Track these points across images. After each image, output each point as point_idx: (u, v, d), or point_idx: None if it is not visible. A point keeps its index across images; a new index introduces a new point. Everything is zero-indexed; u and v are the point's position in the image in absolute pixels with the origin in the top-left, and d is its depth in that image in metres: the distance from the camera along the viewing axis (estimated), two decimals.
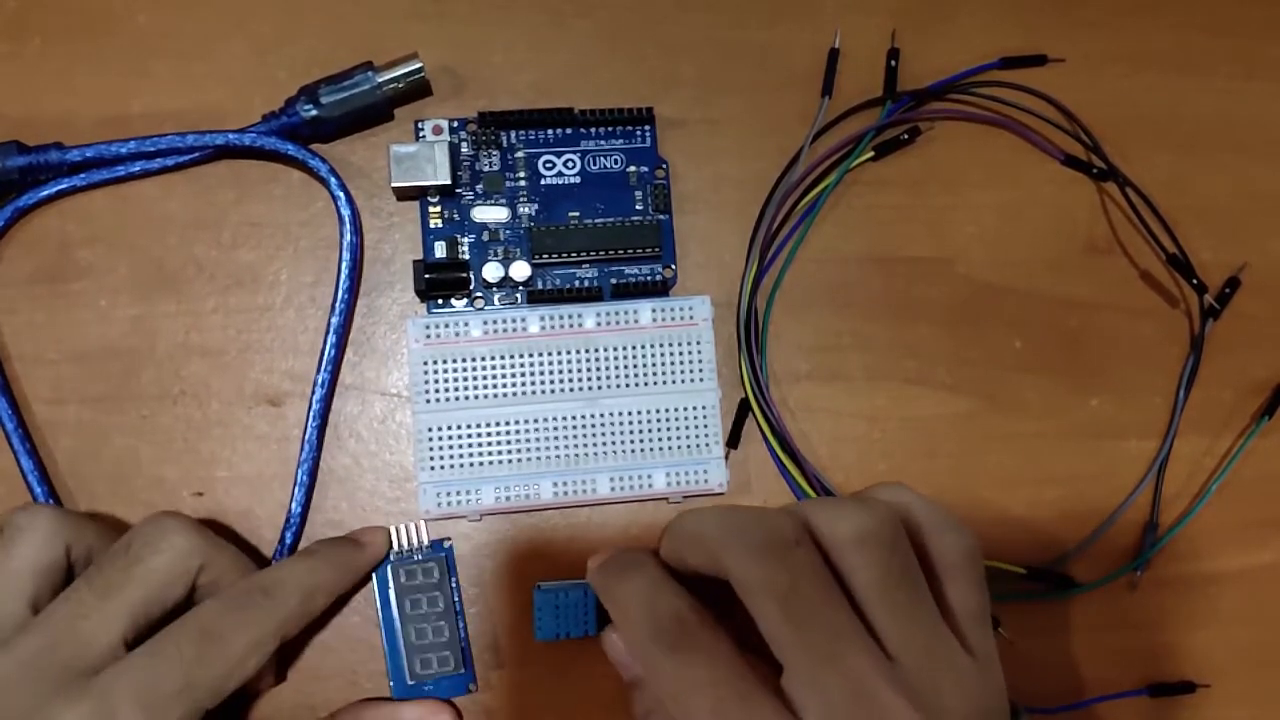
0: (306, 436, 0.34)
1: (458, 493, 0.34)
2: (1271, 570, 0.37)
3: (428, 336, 0.34)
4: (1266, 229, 0.38)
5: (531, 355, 0.34)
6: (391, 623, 0.33)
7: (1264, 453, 0.37)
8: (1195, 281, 0.36)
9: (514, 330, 0.34)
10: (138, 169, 0.34)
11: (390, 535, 0.33)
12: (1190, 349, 0.37)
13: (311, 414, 0.34)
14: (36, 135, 0.34)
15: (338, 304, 0.34)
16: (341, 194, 0.34)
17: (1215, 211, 0.38)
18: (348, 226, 0.34)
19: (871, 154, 0.36)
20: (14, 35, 0.35)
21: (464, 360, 0.34)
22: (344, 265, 0.34)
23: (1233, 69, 0.39)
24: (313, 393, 0.34)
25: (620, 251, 0.35)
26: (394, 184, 0.34)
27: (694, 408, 0.34)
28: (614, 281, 0.35)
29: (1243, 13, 0.39)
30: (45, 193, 0.34)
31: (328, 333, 0.34)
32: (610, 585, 0.28)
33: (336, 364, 0.34)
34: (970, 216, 0.37)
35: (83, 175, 0.34)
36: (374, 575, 0.33)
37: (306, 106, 0.34)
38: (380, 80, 0.34)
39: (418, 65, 0.34)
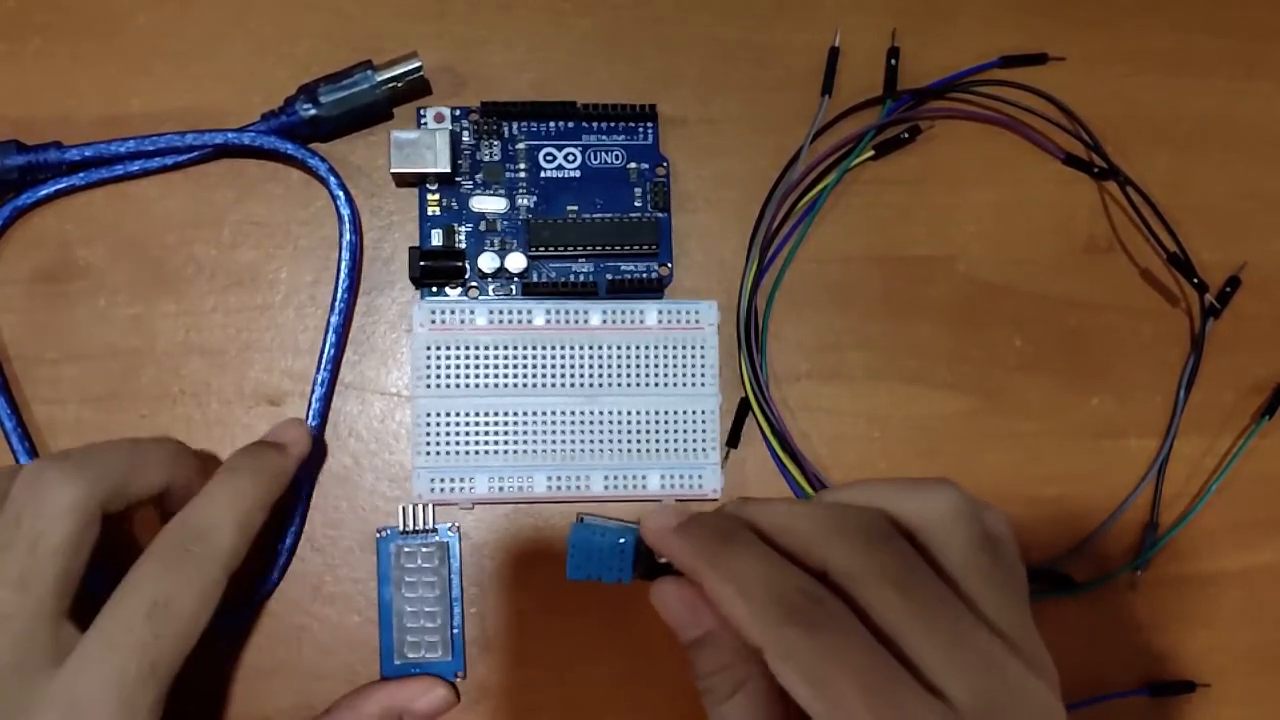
0: None
1: (451, 479, 0.34)
2: (1271, 570, 0.37)
3: (433, 321, 0.34)
4: (1266, 229, 0.38)
5: (534, 348, 0.34)
6: (386, 600, 0.33)
7: (1264, 453, 0.37)
8: (1196, 280, 0.36)
9: (519, 322, 0.34)
10: (136, 168, 0.34)
11: (309, 429, 0.32)
12: (1190, 349, 0.37)
13: (312, 413, 0.34)
14: (36, 135, 0.34)
15: (337, 303, 0.34)
16: (341, 193, 0.34)
17: (1215, 211, 0.38)
18: (347, 226, 0.34)
19: (872, 153, 0.36)
20: (14, 35, 0.35)
21: (467, 348, 0.34)
22: (343, 264, 0.34)
23: (1233, 69, 0.39)
24: (312, 391, 0.34)
25: (617, 247, 0.35)
26: (393, 169, 0.34)
27: (693, 411, 0.34)
28: (609, 277, 0.35)
29: (1243, 13, 0.39)
30: (44, 192, 0.34)
31: (327, 331, 0.34)
32: (717, 554, 0.25)
33: (336, 363, 0.34)
34: (970, 216, 0.37)
35: (81, 175, 0.34)
36: (376, 548, 0.34)
37: (305, 105, 0.34)
38: (379, 79, 0.34)
39: (417, 64, 0.34)
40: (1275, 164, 0.39)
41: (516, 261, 0.34)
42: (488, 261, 0.34)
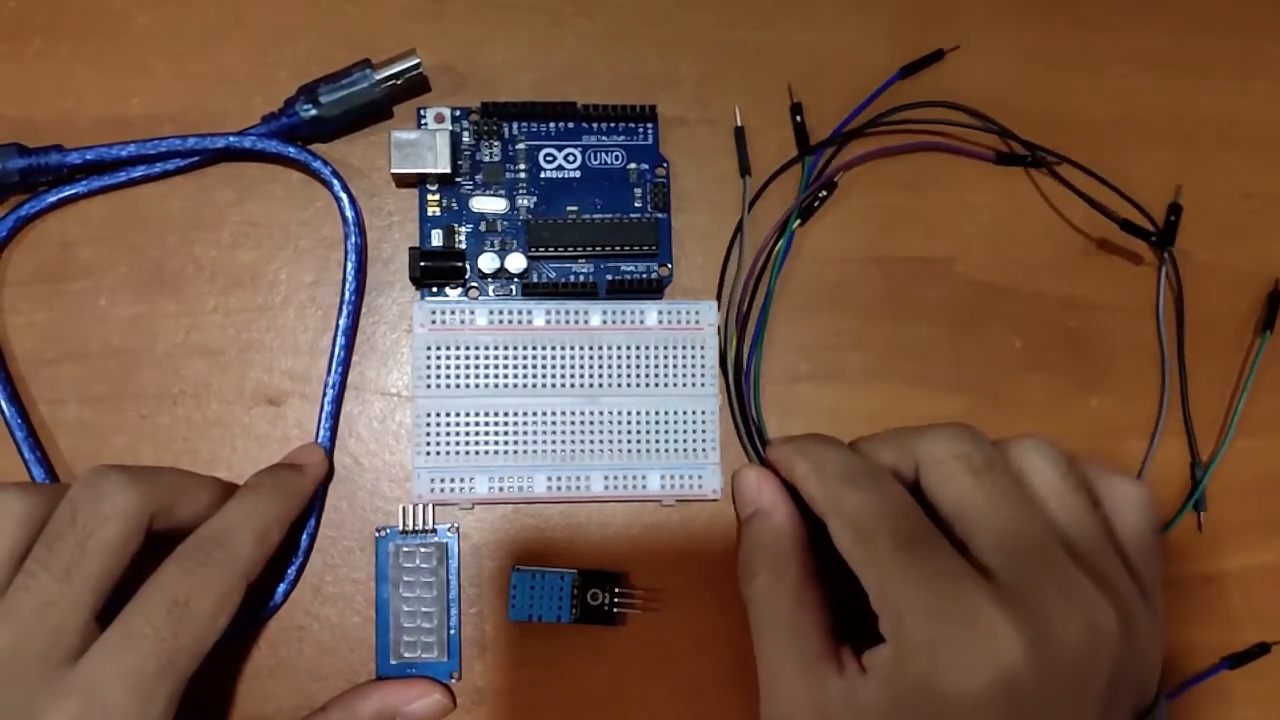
0: (319, 439, 0.34)
1: (451, 480, 0.34)
2: (1271, 570, 0.37)
3: (433, 321, 0.34)
4: (1267, 229, 0.38)
5: (534, 348, 0.34)
6: (384, 600, 0.33)
7: (1264, 453, 0.37)
8: (1154, 238, 0.36)
9: (519, 322, 0.34)
10: (139, 174, 0.34)
11: (326, 453, 0.34)
12: (1157, 300, 0.37)
13: (323, 416, 0.34)
14: (36, 136, 0.34)
15: (345, 306, 0.34)
16: (345, 196, 0.34)
17: (1215, 211, 0.38)
18: (352, 228, 0.34)
19: (799, 221, 0.36)
20: (14, 35, 0.35)
21: (467, 349, 0.34)
22: (349, 267, 0.34)
23: (1233, 69, 0.39)
24: (324, 394, 0.34)
25: (617, 248, 0.35)
26: (394, 170, 0.34)
27: (693, 412, 0.34)
28: (609, 278, 0.35)
29: (1243, 13, 0.39)
30: (50, 199, 0.34)
31: (336, 334, 0.34)
32: (804, 445, 0.31)
33: (345, 365, 0.34)
34: (970, 216, 0.37)
35: (84, 182, 0.34)
36: (375, 548, 0.34)
37: (305, 106, 0.34)
38: (378, 78, 0.34)
39: (415, 61, 0.34)
40: (1275, 164, 0.39)
41: (516, 262, 0.34)
42: (488, 262, 0.34)
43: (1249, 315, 0.38)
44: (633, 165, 0.35)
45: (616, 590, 0.34)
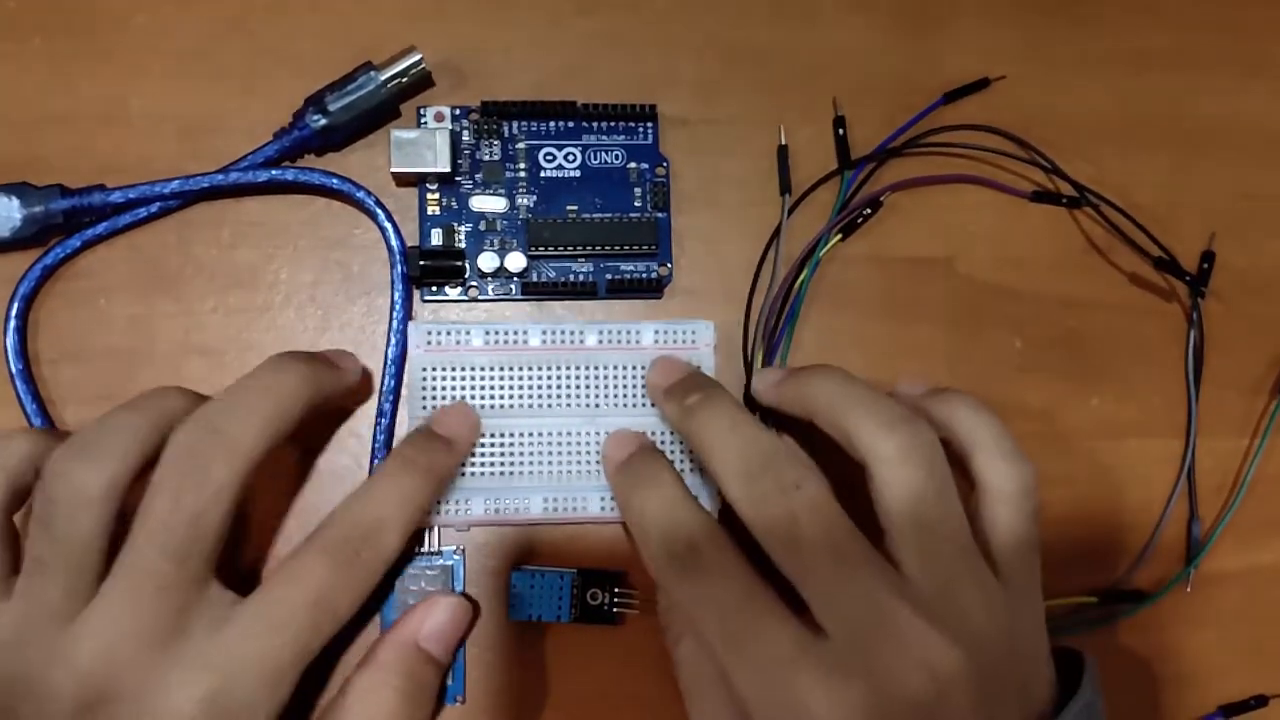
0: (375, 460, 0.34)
1: (447, 502, 0.33)
2: (1271, 570, 0.37)
3: (428, 343, 0.34)
4: (1266, 229, 0.38)
5: (531, 369, 0.34)
6: (389, 623, 0.33)
7: (1263, 453, 0.37)
8: (1188, 278, 0.36)
9: (515, 342, 0.34)
10: (157, 210, 0.34)
11: (476, 422, 0.33)
12: (1195, 341, 0.37)
13: (376, 447, 0.34)
14: (35, 135, 0.34)
15: (392, 334, 0.34)
16: (390, 226, 0.34)
17: (1215, 211, 0.38)
18: (398, 259, 0.34)
19: (840, 236, 0.36)
20: (14, 35, 0.35)
21: (463, 369, 0.34)
22: (397, 296, 0.34)
23: (1233, 69, 0.39)
24: (375, 424, 0.34)
25: (616, 247, 0.35)
26: (393, 169, 0.33)
27: None
28: (609, 277, 0.35)
29: (1243, 13, 0.39)
30: (74, 244, 0.34)
31: (385, 364, 0.34)
32: (629, 496, 0.30)
33: (396, 394, 0.34)
34: (970, 216, 0.37)
35: (105, 224, 0.34)
36: None
37: (315, 117, 0.33)
38: (384, 78, 0.34)
39: (417, 56, 0.34)
40: (1275, 164, 0.39)
41: (516, 261, 0.34)
42: (487, 261, 0.34)
43: (1249, 319, 0.38)
44: (633, 165, 0.35)
45: (616, 590, 0.34)
